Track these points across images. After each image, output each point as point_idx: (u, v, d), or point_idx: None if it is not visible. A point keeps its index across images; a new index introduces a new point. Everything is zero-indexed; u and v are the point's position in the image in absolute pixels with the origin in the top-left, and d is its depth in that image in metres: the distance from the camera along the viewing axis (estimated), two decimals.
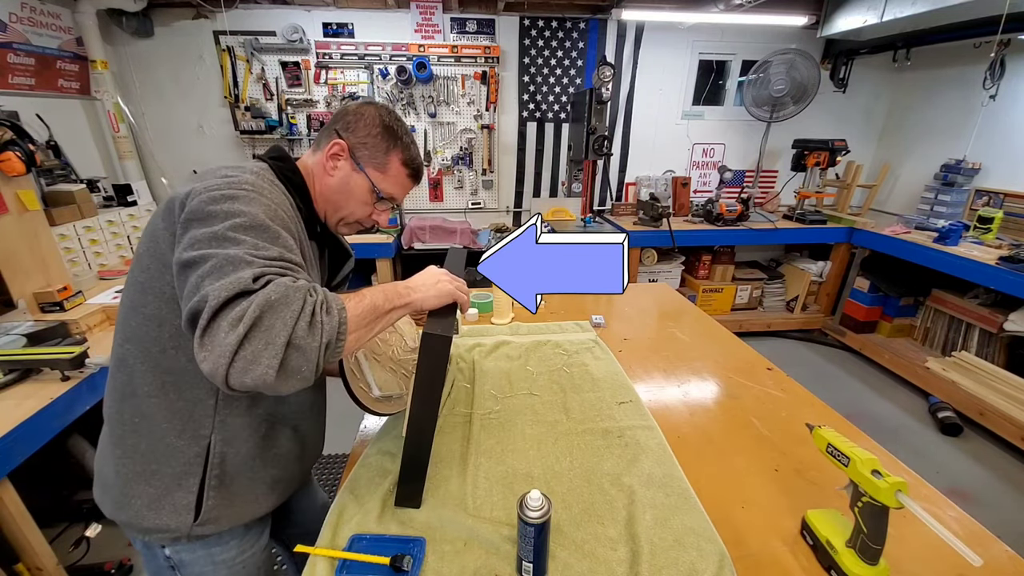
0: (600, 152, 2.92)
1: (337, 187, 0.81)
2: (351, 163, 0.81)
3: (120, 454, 0.71)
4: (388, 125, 0.81)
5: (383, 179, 0.83)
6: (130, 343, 0.68)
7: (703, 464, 0.95)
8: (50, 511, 1.82)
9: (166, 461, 0.71)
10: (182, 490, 0.72)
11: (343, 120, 0.81)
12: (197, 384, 0.69)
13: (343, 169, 0.81)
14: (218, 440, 0.72)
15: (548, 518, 0.67)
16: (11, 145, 1.58)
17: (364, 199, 0.83)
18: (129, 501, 0.72)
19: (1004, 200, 2.88)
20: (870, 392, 2.89)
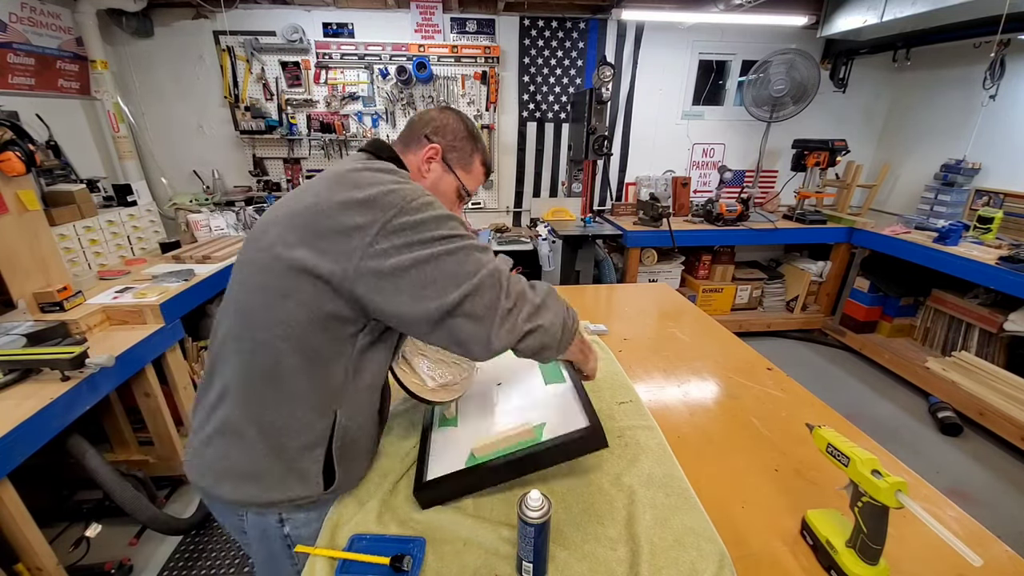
0: (600, 152, 2.92)
1: (429, 187, 0.88)
2: (443, 165, 0.90)
3: (254, 433, 0.74)
4: (471, 130, 0.93)
5: (468, 178, 0.93)
6: (279, 326, 0.71)
7: (703, 464, 0.95)
8: (50, 511, 1.83)
9: (296, 435, 0.74)
10: (308, 460, 0.76)
11: (431, 125, 0.89)
12: (335, 360, 0.74)
13: (435, 171, 0.89)
14: (343, 413, 0.77)
15: (548, 518, 0.66)
16: (11, 145, 1.58)
17: (451, 197, 0.93)
18: (258, 476, 0.75)
19: (1004, 200, 2.88)
20: (870, 392, 2.89)
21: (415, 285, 0.67)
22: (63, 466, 1.77)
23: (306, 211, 0.70)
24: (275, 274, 0.70)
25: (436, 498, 0.82)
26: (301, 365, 0.72)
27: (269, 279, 0.71)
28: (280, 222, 0.72)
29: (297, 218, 0.70)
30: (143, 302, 1.83)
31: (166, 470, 1.99)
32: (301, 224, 0.70)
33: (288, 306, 0.70)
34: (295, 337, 0.71)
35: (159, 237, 2.67)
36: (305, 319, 0.70)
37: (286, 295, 0.70)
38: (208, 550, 1.78)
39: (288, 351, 0.71)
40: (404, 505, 0.82)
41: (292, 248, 0.69)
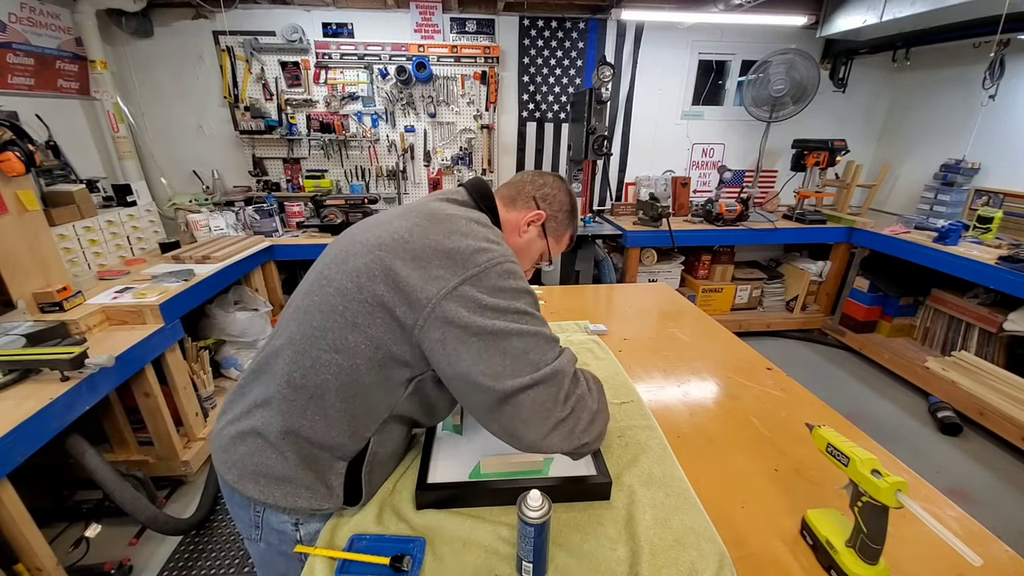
0: (600, 152, 2.92)
1: (521, 246, 0.93)
2: (539, 231, 0.94)
3: (289, 442, 0.74)
4: (574, 207, 0.97)
5: (556, 247, 0.98)
6: (340, 353, 0.71)
7: (703, 464, 0.95)
8: (50, 511, 1.83)
9: (329, 452, 0.75)
10: (334, 474, 0.76)
11: (543, 191, 0.94)
12: (381, 399, 0.75)
13: (531, 234, 0.93)
14: (375, 440, 0.77)
15: (548, 518, 0.66)
16: (11, 145, 1.58)
17: (534, 259, 0.97)
18: (286, 481, 0.75)
19: (1004, 200, 2.88)
20: (870, 392, 2.90)
21: (479, 352, 0.66)
22: (63, 466, 1.77)
23: (394, 245, 0.71)
24: (352, 300, 0.70)
25: (435, 501, 0.82)
26: (350, 394, 0.72)
27: (345, 304, 0.70)
28: (368, 249, 0.72)
29: (384, 251, 0.71)
30: (143, 302, 1.83)
31: (166, 470, 1.99)
32: (386, 258, 0.70)
33: (355, 336, 0.70)
34: (353, 368, 0.71)
35: (159, 237, 2.67)
36: (368, 353, 0.70)
37: (356, 325, 0.70)
38: (208, 550, 1.78)
39: (342, 379, 0.71)
40: (404, 505, 0.82)
41: (375, 280, 0.69)
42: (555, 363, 0.70)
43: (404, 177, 3.44)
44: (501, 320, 0.67)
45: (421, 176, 3.46)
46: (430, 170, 3.44)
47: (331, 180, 3.34)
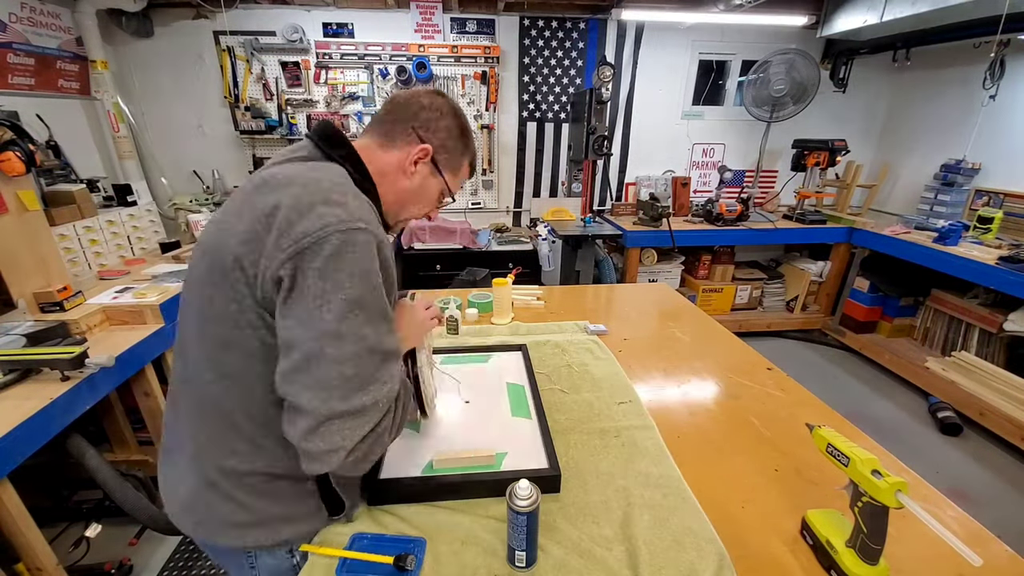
0: (600, 152, 2.92)
1: (414, 190, 0.79)
2: (431, 167, 0.79)
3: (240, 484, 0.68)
4: (464, 127, 0.81)
5: (454, 181, 0.83)
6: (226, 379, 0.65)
7: (703, 464, 0.95)
8: (50, 511, 1.83)
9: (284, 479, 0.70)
10: (305, 495, 0.72)
11: (420, 117, 0.76)
12: None
13: (422, 172, 0.78)
14: None
15: (537, 507, 0.68)
16: (11, 145, 1.58)
17: (432, 200, 0.83)
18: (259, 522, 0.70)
19: (1004, 200, 2.88)
20: (870, 392, 2.90)
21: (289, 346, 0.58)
22: (63, 466, 1.77)
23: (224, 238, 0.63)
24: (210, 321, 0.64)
25: (386, 497, 0.82)
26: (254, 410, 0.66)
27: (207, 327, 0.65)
28: (202, 254, 0.66)
29: (215, 253, 0.63)
30: (143, 302, 1.83)
31: None
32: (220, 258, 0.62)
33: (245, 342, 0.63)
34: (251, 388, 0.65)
35: (159, 237, 2.67)
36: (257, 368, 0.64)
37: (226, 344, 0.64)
38: None
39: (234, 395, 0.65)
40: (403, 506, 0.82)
41: (219, 288, 0.63)
42: (364, 399, 0.59)
43: None
44: (323, 313, 0.56)
45: None
46: None
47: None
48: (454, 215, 3.55)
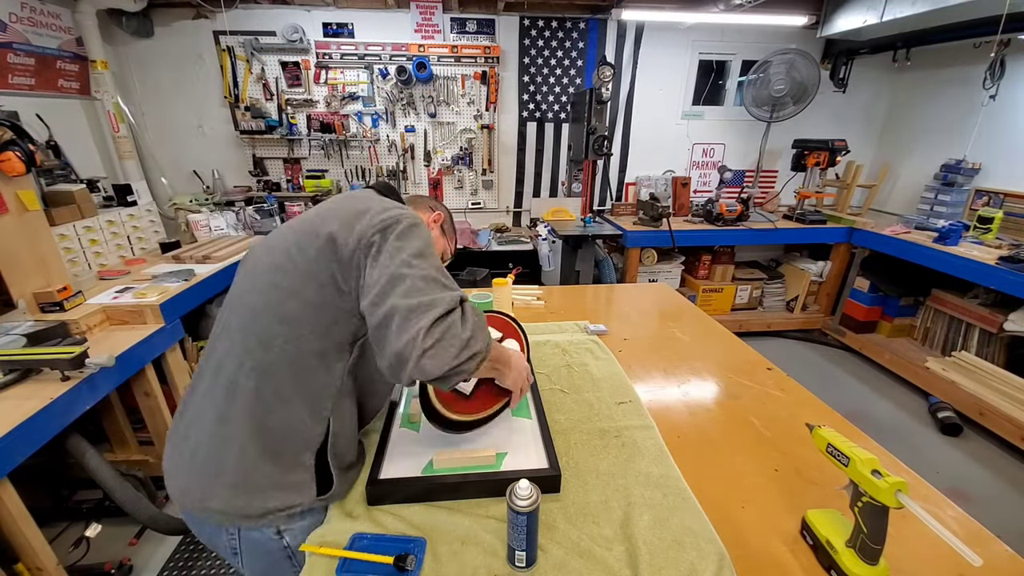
0: (600, 152, 2.92)
1: None
2: (440, 230, 1.10)
3: (250, 434, 0.75)
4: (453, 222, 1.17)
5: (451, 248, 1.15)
6: (284, 324, 0.75)
7: (703, 464, 0.95)
8: (50, 511, 1.83)
9: (293, 440, 0.76)
10: (302, 467, 0.77)
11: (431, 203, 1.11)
12: (331, 368, 0.77)
13: (436, 231, 1.08)
14: (334, 419, 0.78)
15: (537, 507, 0.68)
16: (11, 145, 1.58)
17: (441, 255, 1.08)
18: (252, 483, 0.75)
19: (1004, 200, 2.88)
20: (870, 392, 2.90)
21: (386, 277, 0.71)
22: (63, 466, 1.77)
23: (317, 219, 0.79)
24: (287, 273, 0.76)
25: (385, 497, 0.83)
26: (301, 367, 0.75)
27: (281, 277, 0.76)
28: (293, 233, 0.80)
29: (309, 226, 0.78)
30: (143, 302, 1.83)
31: None
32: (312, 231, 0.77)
33: (296, 304, 0.75)
34: (299, 338, 0.75)
35: (159, 237, 2.67)
36: (312, 318, 0.75)
37: (296, 292, 0.75)
38: (208, 550, 1.78)
39: (289, 351, 0.75)
40: (403, 506, 0.82)
41: (306, 249, 0.76)
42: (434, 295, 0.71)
43: (404, 177, 3.44)
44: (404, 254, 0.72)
45: (421, 176, 3.46)
46: (430, 170, 3.44)
47: (331, 180, 3.34)
48: (454, 215, 3.54)
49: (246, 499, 0.74)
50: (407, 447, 0.94)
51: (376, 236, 0.74)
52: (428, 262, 0.74)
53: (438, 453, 0.89)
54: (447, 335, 0.69)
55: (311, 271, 0.75)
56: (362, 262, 0.73)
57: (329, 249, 0.74)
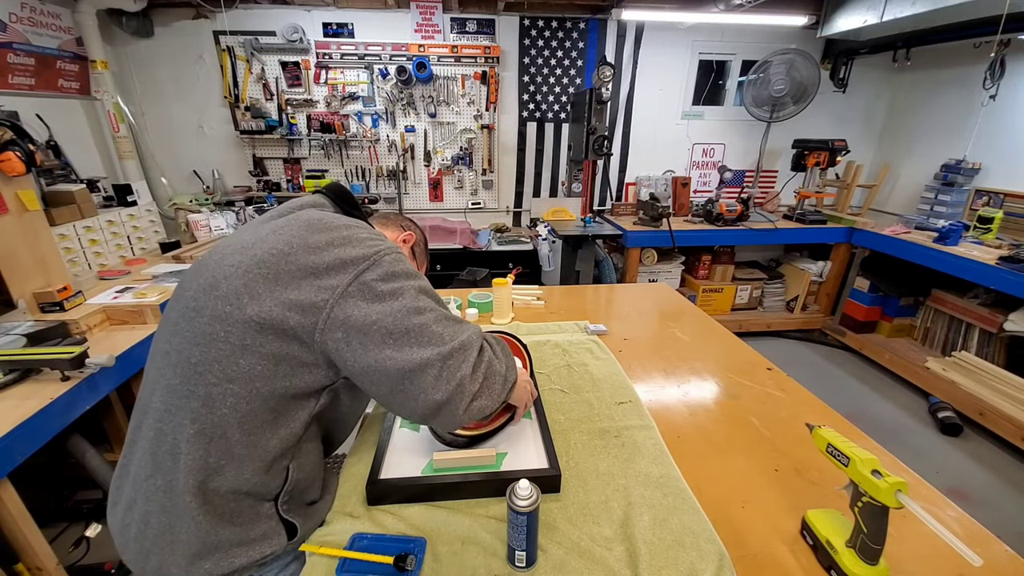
0: (600, 152, 2.92)
1: None
2: (411, 254, 1.00)
3: (199, 502, 0.66)
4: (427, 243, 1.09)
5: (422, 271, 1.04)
6: (234, 383, 0.64)
7: (703, 464, 0.95)
8: (50, 511, 1.83)
9: (248, 497, 0.69)
10: (264, 518, 0.70)
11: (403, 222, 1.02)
12: (292, 420, 0.69)
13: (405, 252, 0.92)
14: (295, 469, 0.72)
15: (537, 506, 0.68)
16: (11, 145, 1.58)
17: None
18: (213, 547, 0.67)
19: (1004, 200, 2.88)
20: (870, 392, 2.89)
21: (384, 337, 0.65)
22: (64, 466, 1.77)
23: (275, 261, 0.65)
24: (235, 323, 0.64)
25: (385, 497, 0.83)
26: (255, 424, 0.66)
27: (227, 329, 0.64)
28: (244, 271, 0.66)
29: (263, 267, 0.65)
30: (143, 302, 1.83)
31: None
32: (269, 274, 0.65)
33: (248, 359, 0.64)
34: (252, 394, 0.65)
35: (159, 237, 2.67)
36: (266, 372, 0.65)
37: (246, 347, 0.64)
38: None
39: (242, 409, 0.65)
40: (403, 506, 0.82)
41: (258, 299, 0.64)
42: (462, 337, 0.70)
43: (404, 177, 3.44)
44: (399, 302, 0.66)
45: (421, 176, 3.46)
46: (430, 170, 3.44)
47: (331, 180, 3.34)
48: (454, 215, 3.55)
49: (211, 563, 0.67)
50: (407, 447, 0.94)
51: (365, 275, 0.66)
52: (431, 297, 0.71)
53: (438, 453, 0.89)
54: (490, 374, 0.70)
55: (268, 322, 0.64)
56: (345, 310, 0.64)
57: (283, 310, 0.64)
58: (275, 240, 0.68)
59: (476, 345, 0.71)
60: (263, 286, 0.64)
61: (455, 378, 0.66)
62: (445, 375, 0.66)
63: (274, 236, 0.69)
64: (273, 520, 0.71)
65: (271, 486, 0.70)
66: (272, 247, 0.67)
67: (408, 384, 0.66)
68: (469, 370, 0.68)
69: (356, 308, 0.65)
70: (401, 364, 0.65)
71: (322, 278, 0.65)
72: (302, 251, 0.66)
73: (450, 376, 0.66)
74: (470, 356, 0.69)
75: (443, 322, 0.69)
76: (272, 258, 0.66)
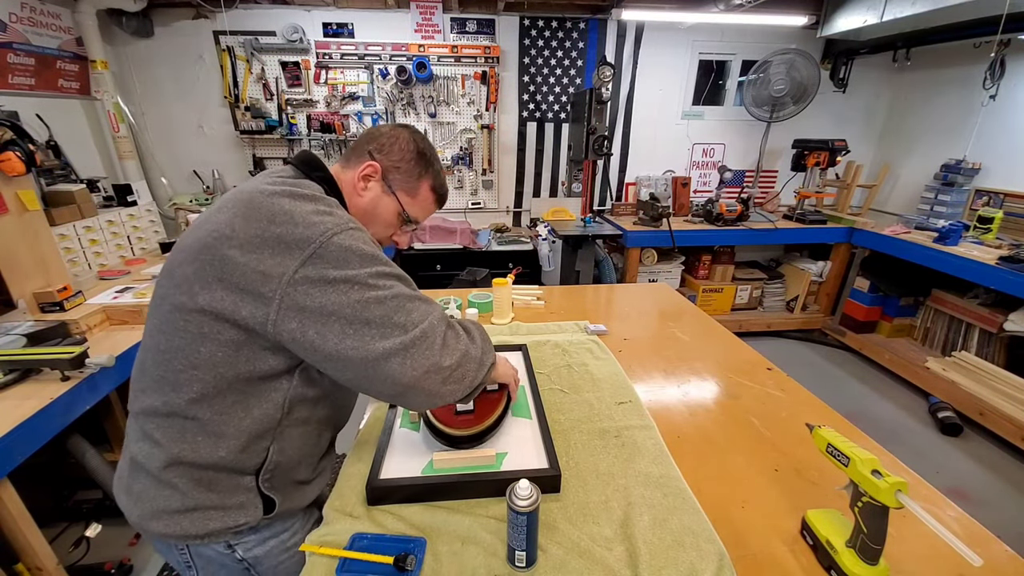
0: (600, 152, 2.92)
1: (365, 207, 0.83)
2: (382, 185, 0.83)
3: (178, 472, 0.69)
4: (422, 150, 0.85)
5: (412, 203, 0.86)
6: (199, 369, 0.66)
7: (703, 464, 0.95)
8: (50, 511, 1.83)
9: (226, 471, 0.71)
10: (242, 489, 0.72)
11: (376, 142, 0.83)
12: (266, 401, 0.70)
13: (373, 190, 0.83)
14: (276, 451, 0.73)
15: (537, 506, 0.68)
16: (11, 145, 1.58)
17: (390, 221, 0.86)
18: (191, 508, 0.70)
19: (1004, 200, 2.88)
20: (870, 392, 2.89)
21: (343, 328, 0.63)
22: (63, 466, 1.77)
23: (218, 244, 0.63)
24: (192, 312, 0.65)
25: (385, 497, 0.82)
26: (225, 406, 0.68)
27: (186, 318, 0.65)
28: (192, 256, 0.65)
29: (207, 253, 0.64)
30: (143, 302, 1.83)
31: None
32: (214, 260, 0.63)
33: (209, 347, 0.65)
34: (217, 379, 0.66)
35: (159, 237, 2.67)
36: (228, 359, 0.66)
37: (204, 336, 0.65)
38: None
39: (209, 393, 0.66)
40: (403, 506, 0.82)
41: (209, 287, 0.63)
42: (424, 323, 0.68)
43: None
44: (355, 291, 0.64)
45: None
46: None
47: None
48: (454, 215, 3.55)
49: (188, 521, 0.70)
50: (407, 447, 0.94)
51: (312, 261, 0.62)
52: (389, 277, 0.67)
53: (438, 453, 0.89)
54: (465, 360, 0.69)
55: (221, 312, 0.64)
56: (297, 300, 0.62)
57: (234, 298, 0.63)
58: (217, 220, 0.66)
59: (440, 328, 0.69)
60: (210, 273, 0.63)
61: (422, 364, 0.66)
62: (410, 363, 0.65)
63: (217, 215, 0.67)
64: (252, 493, 0.73)
65: (249, 463, 0.71)
66: (214, 229, 0.65)
67: (373, 371, 0.65)
68: (437, 356, 0.67)
69: (308, 298, 0.62)
70: (364, 354, 0.64)
71: (265, 263, 0.62)
72: (243, 232, 0.63)
73: (416, 364, 0.66)
74: (435, 341, 0.68)
75: (404, 309, 0.66)
76: (215, 241, 0.64)
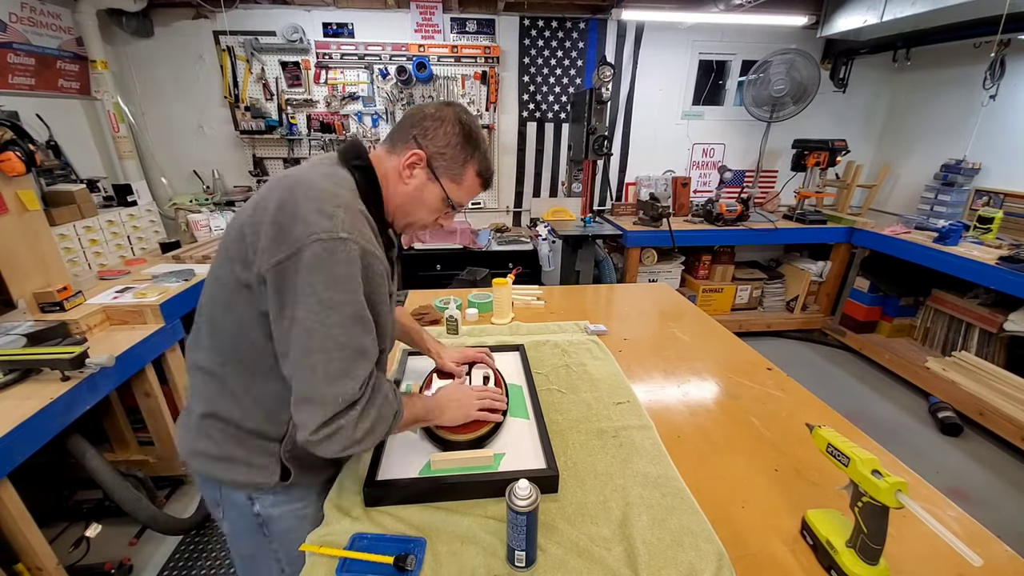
0: (600, 152, 2.92)
1: (411, 195, 0.82)
2: (427, 173, 0.80)
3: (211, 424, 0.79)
4: (468, 133, 0.81)
5: (458, 190, 0.83)
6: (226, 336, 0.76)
7: (703, 464, 0.95)
8: (50, 511, 1.83)
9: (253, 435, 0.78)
10: (267, 454, 0.79)
11: (421, 125, 0.79)
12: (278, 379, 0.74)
13: (418, 178, 0.80)
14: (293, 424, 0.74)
15: (536, 506, 0.68)
16: (11, 145, 1.58)
17: (435, 207, 0.84)
18: (224, 458, 0.79)
19: (1004, 200, 2.88)
20: (870, 392, 2.89)
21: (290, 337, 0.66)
22: (63, 466, 1.77)
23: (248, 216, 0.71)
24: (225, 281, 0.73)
25: (383, 498, 0.83)
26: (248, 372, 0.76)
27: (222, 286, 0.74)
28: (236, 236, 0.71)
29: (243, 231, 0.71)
30: (143, 302, 1.83)
31: (166, 470, 1.99)
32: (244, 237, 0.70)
33: (233, 316, 0.73)
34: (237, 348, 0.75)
35: (159, 237, 2.67)
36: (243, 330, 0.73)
37: (229, 304, 0.73)
38: (208, 550, 1.78)
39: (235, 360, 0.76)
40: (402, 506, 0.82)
41: (233, 261, 0.71)
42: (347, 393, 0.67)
43: None
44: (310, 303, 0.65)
45: None
46: None
47: None
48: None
49: (219, 468, 0.80)
50: (405, 448, 0.94)
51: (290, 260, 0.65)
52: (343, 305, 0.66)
53: (436, 454, 0.89)
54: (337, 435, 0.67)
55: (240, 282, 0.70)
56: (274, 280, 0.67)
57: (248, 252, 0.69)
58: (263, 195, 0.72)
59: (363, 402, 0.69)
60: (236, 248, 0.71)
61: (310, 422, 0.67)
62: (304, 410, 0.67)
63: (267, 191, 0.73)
64: (274, 459, 0.79)
65: (274, 432, 0.78)
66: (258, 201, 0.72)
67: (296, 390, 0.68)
68: (351, 429, 0.68)
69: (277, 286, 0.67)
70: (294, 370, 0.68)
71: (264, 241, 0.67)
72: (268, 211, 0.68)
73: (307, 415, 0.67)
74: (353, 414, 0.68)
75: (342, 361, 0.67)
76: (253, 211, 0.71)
